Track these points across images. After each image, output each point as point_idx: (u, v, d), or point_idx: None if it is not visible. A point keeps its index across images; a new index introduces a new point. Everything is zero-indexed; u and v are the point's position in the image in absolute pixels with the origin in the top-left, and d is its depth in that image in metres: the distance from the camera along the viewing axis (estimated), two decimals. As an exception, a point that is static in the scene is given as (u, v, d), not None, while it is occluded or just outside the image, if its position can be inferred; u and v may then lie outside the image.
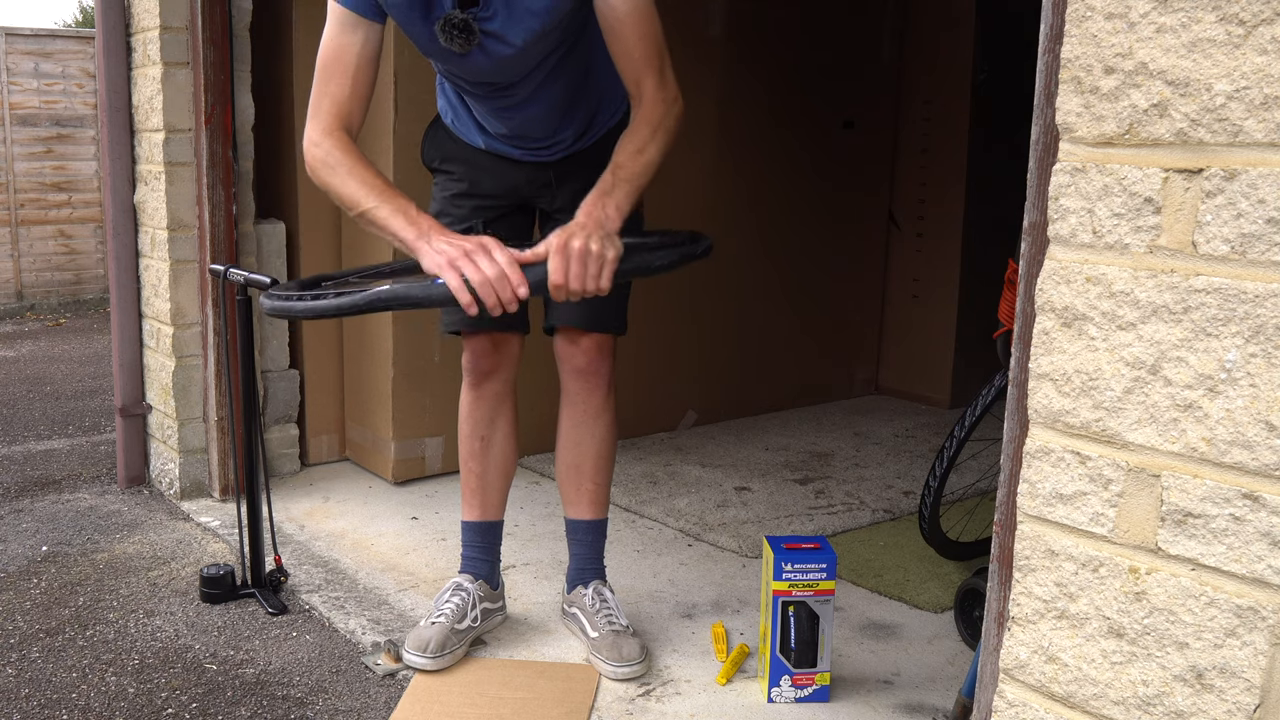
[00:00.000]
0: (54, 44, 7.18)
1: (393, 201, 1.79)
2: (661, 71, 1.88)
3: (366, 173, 1.83)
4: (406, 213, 1.78)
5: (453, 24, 1.83)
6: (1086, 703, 1.17)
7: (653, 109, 1.87)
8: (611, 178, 1.83)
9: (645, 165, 1.85)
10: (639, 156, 1.84)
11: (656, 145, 1.86)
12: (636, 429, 3.88)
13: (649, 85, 1.87)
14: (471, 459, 2.32)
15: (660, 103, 1.87)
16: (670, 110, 1.88)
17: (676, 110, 1.89)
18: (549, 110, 2.05)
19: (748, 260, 4.12)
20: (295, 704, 2.11)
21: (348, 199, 1.83)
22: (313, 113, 1.89)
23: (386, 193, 1.81)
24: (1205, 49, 1.02)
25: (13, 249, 7.18)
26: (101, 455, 3.81)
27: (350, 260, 3.46)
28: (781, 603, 2.06)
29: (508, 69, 1.93)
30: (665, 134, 1.87)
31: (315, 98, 1.89)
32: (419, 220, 1.77)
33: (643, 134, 1.86)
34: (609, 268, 1.72)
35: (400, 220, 1.77)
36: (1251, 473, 1.03)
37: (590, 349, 2.18)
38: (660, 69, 1.88)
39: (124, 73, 3.26)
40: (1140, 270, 1.08)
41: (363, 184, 1.81)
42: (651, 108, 1.87)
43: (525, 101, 2.02)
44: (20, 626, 2.44)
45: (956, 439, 2.58)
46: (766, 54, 4.07)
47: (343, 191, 1.84)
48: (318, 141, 1.87)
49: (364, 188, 1.81)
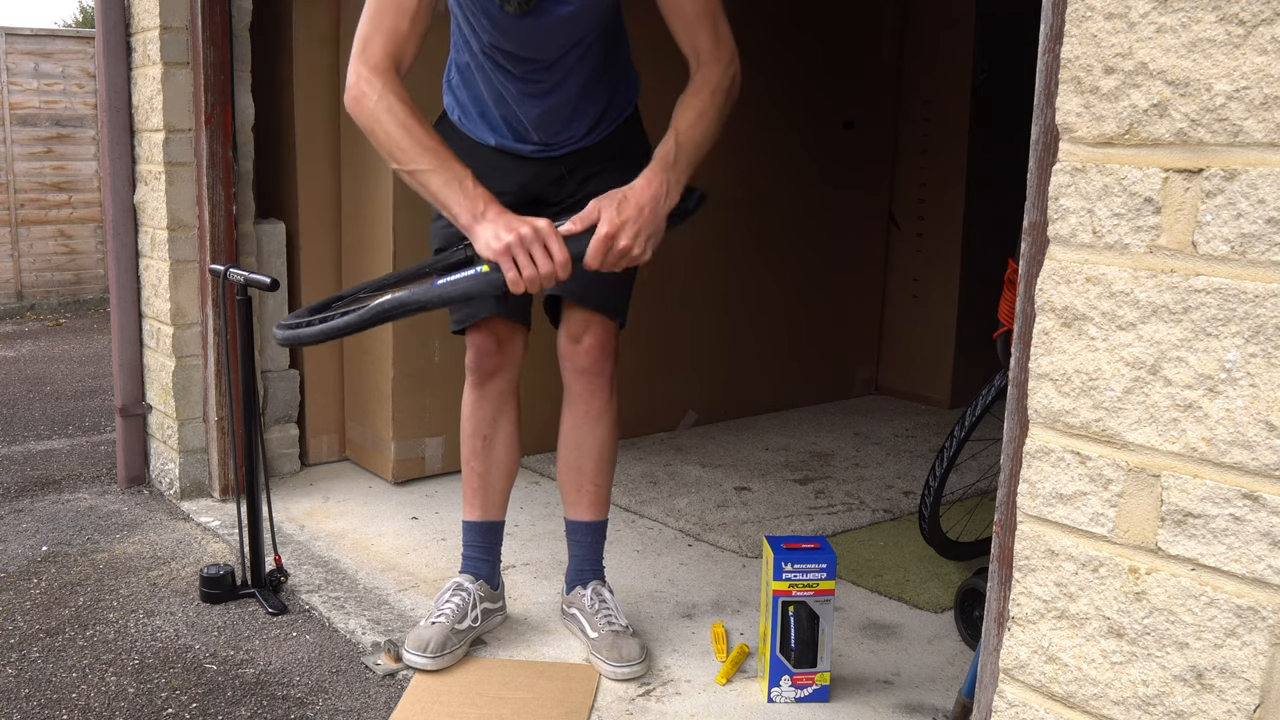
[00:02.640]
0: (54, 44, 7.18)
1: (448, 168, 1.75)
2: (716, 28, 1.86)
3: (421, 129, 1.77)
4: (463, 185, 1.73)
5: None
6: (1086, 703, 1.17)
7: (711, 69, 1.85)
8: (675, 147, 1.81)
9: (705, 130, 1.84)
10: (699, 122, 1.84)
11: (716, 108, 1.85)
12: (636, 429, 3.88)
13: (705, 43, 1.86)
14: (474, 458, 2.32)
15: (717, 62, 1.86)
16: (728, 70, 1.87)
17: (734, 71, 1.88)
18: (568, 98, 2.04)
19: (748, 260, 4.12)
20: (295, 704, 2.11)
21: (397, 152, 1.77)
22: (361, 47, 1.81)
23: (442, 157, 1.76)
24: (1205, 49, 1.02)
25: (13, 249, 7.18)
26: (101, 455, 3.81)
27: (350, 260, 3.46)
28: (781, 603, 2.06)
29: (558, 35, 1.90)
30: (724, 95, 1.86)
31: (366, 31, 1.82)
32: (475, 197, 1.72)
33: (703, 98, 1.84)
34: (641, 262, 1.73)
35: (455, 192, 1.72)
36: (1251, 473, 1.03)
37: (593, 348, 2.18)
38: (714, 26, 1.86)
39: (124, 73, 3.26)
40: (1140, 270, 1.08)
41: (417, 143, 1.76)
42: (710, 69, 1.85)
43: (555, 87, 2.01)
44: (20, 626, 2.44)
45: (956, 439, 2.58)
46: (766, 54, 4.07)
47: (392, 142, 1.77)
48: (368, 78, 1.79)
49: (418, 147, 1.76)
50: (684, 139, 1.82)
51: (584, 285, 2.11)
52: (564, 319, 2.19)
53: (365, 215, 3.37)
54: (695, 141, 1.83)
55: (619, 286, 2.15)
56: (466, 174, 1.77)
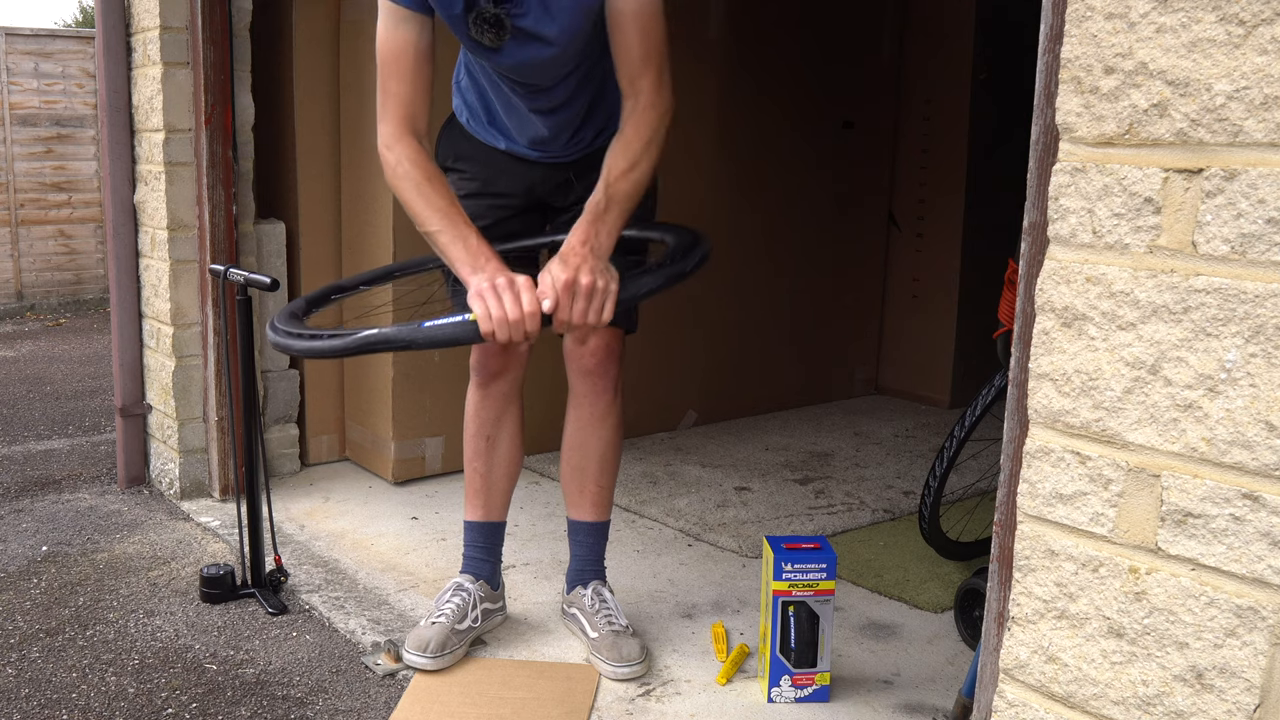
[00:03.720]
0: (54, 44, 7.18)
1: (454, 228, 1.81)
2: (660, 74, 1.88)
3: (432, 190, 1.84)
4: (467, 242, 1.79)
5: (484, 18, 1.84)
6: (1086, 703, 1.17)
7: (647, 116, 1.87)
8: (605, 199, 1.83)
9: (636, 181, 1.86)
10: (631, 173, 1.85)
11: (649, 159, 1.87)
12: (636, 429, 3.88)
13: (646, 85, 1.87)
14: (476, 459, 2.32)
15: (653, 108, 1.87)
16: (663, 121, 1.89)
17: (669, 120, 1.90)
18: (578, 113, 2.07)
19: (748, 260, 4.12)
20: (295, 704, 2.11)
21: (414, 214, 1.87)
22: (381, 114, 1.90)
23: (450, 218, 1.82)
24: (1205, 49, 1.02)
25: (13, 249, 7.18)
26: (101, 455, 3.81)
27: (350, 260, 3.46)
28: (781, 603, 2.06)
29: (545, 70, 1.94)
30: (657, 148, 1.88)
31: (381, 97, 1.90)
32: (477, 254, 1.77)
33: (636, 148, 1.86)
34: (611, 300, 1.73)
35: (459, 249, 1.79)
36: (1251, 473, 1.03)
37: (599, 350, 2.18)
38: (659, 71, 1.88)
39: (124, 73, 3.26)
40: (1140, 270, 1.08)
41: (428, 205, 1.84)
42: (646, 115, 1.87)
43: (562, 105, 2.04)
44: (20, 626, 2.44)
45: (956, 439, 2.58)
46: (766, 54, 4.07)
47: (410, 206, 1.87)
48: (390, 145, 1.89)
49: (429, 209, 1.83)
50: (614, 191, 1.84)
51: None
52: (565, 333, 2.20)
53: (365, 215, 3.37)
54: (625, 192, 1.84)
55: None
56: (471, 232, 1.81)
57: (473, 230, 1.82)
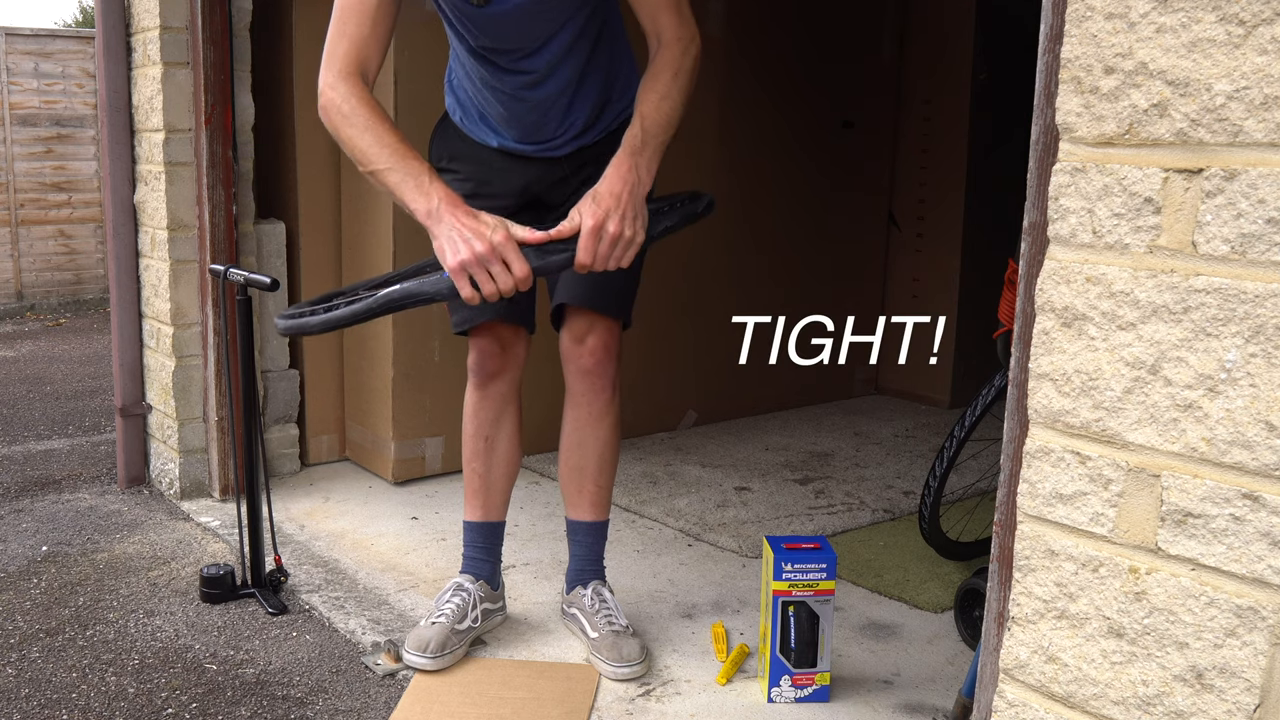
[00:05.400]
0: (54, 44, 7.18)
1: (405, 165, 1.75)
2: (679, 7, 1.86)
3: (382, 128, 1.78)
4: (419, 180, 1.74)
5: None
6: (1086, 703, 1.17)
7: (671, 50, 1.85)
8: (641, 133, 1.81)
9: (670, 113, 1.83)
10: (663, 104, 1.83)
11: (679, 89, 1.85)
12: (636, 429, 3.88)
13: (667, 23, 1.86)
14: (475, 459, 2.31)
15: (678, 41, 1.85)
16: (689, 50, 1.87)
17: (695, 50, 1.88)
18: (558, 94, 2.03)
19: (748, 260, 4.12)
20: (295, 704, 2.11)
21: (360, 154, 1.79)
22: (328, 55, 1.85)
23: (400, 153, 1.76)
24: (1205, 49, 1.02)
25: (13, 249, 7.18)
26: (101, 455, 3.81)
27: (349, 259, 3.46)
28: (781, 603, 2.06)
29: (531, 24, 1.90)
30: (686, 76, 1.86)
31: (331, 40, 1.85)
32: (431, 191, 1.73)
33: (664, 79, 1.84)
34: (634, 249, 1.73)
35: (411, 188, 1.73)
36: (1251, 473, 1.03)
37: (597, 349, 2.18)
38: (678, 5, 1.86)
39: (124, 73, 3.26)
40: (1140, 270, 1.08)
41: (378, 141, 1.77)
42: (670, 48, 1.85)
43: (541, 80, 2.00)
44: (20, 626, 2.44)
45: (956, 439, 2.58)
46: (766, 54, 4.07)
47: (356, 144, 1.80)
48: (333, 84, 1.83)
49: (378, 145, 1.77)
50: (649, 123, 1.82)
51: (588, 288, 2.11)
52: (567, 319, 2.19)
53: (365, 215, 3.37)
54: (660, 124, 1.83)
55: (623, 286, 2.15)
56: (424, 170, 1.76)
57: (426, 168, 1.76)
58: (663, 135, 1.83)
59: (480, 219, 1.72)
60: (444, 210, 1.72)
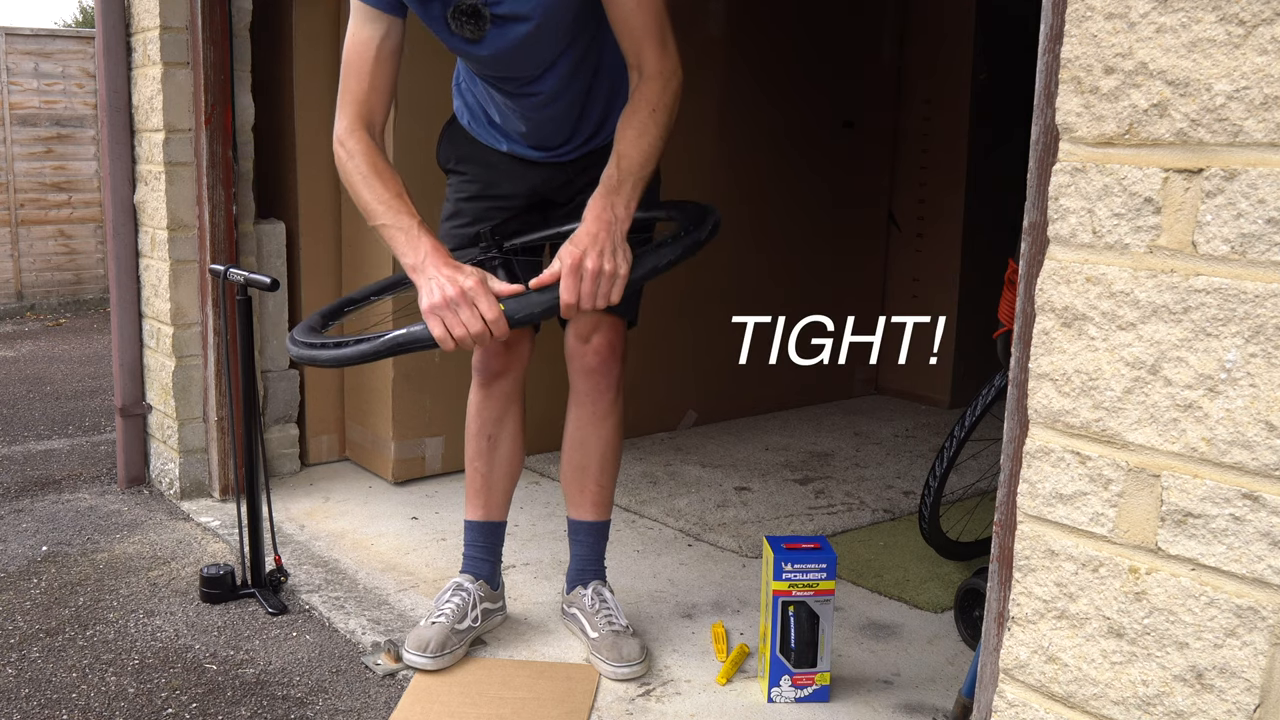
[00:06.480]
0: (54, 44, 7.18)
1: (398, 219, 1.81)
2: (662, 41, 1.85)
3: (378, 183, 1.84)
4: (409, 234, 1.79)
5: (462, 10, 1.84)
6: (1086, 703, 1.17)
7: (651, 85, 1.84)
8: (617, 172, 1.81)
9: (647, 149, 1.83)
10: (640, 140, 1.82)
11: (657, 124, 1.83)
12: (636, 429, 3.88)
13: (649, 55, 1.85)
14: (478, 458, 2.31)
15: (659, 76, 1.84)
16: (668, 85, 1.85)
17: (675, 85, 1.86)
18: (569, 107, 2.05)
19: (747, 260, 4.12)
20: (295, 704, 2.11)
21: (361, 207, 1.87)
22: (338, 108, 1.92)
23: (394, 208, 1.82)
24: (1205, 49, 1.02)
25: (13, 249, 7.18)
26: (101, 455, 3.81)
27: (350, 259, 3.46)
28: (781, 603, 2.06)
29: (529, 54, 1.91)
30: (665, 113, 1.84)
31: (340, 94, 1.92)
32: (419, 245, 1.77)
33: (642, 115, 1.83)
34: (620, 283, 1.73)
35: (402, 242, 1.79)
36: (1251, 473, 1.03)
37: (601, 348, 2.18)
38: (661, 38, 1.85)
39: (124, 73, 3.26)
40: (1140, 270, 1.08)
41: (375, 197, 1.84)
42: (651, 83, 1.84)
43: (551, 99, 2.02)
44: (20, 626, 2.44)
45: (956, 439, 2.58)
46: (766, 54, 4.07)
47: (358, 198, 1.87)
48: (341, 139, 1.90)
49: (375, 201, 1.84)
50: (625, 161, 1.82)
51: None
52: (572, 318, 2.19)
53: (365, 215, 3.36)
54: (637, 161, 1.82)
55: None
56: (414, 224, 1.81)
57: (415, 221, 1.81)
58: (640, 172, 1.82)
59: (459, 269, 1.74)
60: (428, 261, 1.76)
